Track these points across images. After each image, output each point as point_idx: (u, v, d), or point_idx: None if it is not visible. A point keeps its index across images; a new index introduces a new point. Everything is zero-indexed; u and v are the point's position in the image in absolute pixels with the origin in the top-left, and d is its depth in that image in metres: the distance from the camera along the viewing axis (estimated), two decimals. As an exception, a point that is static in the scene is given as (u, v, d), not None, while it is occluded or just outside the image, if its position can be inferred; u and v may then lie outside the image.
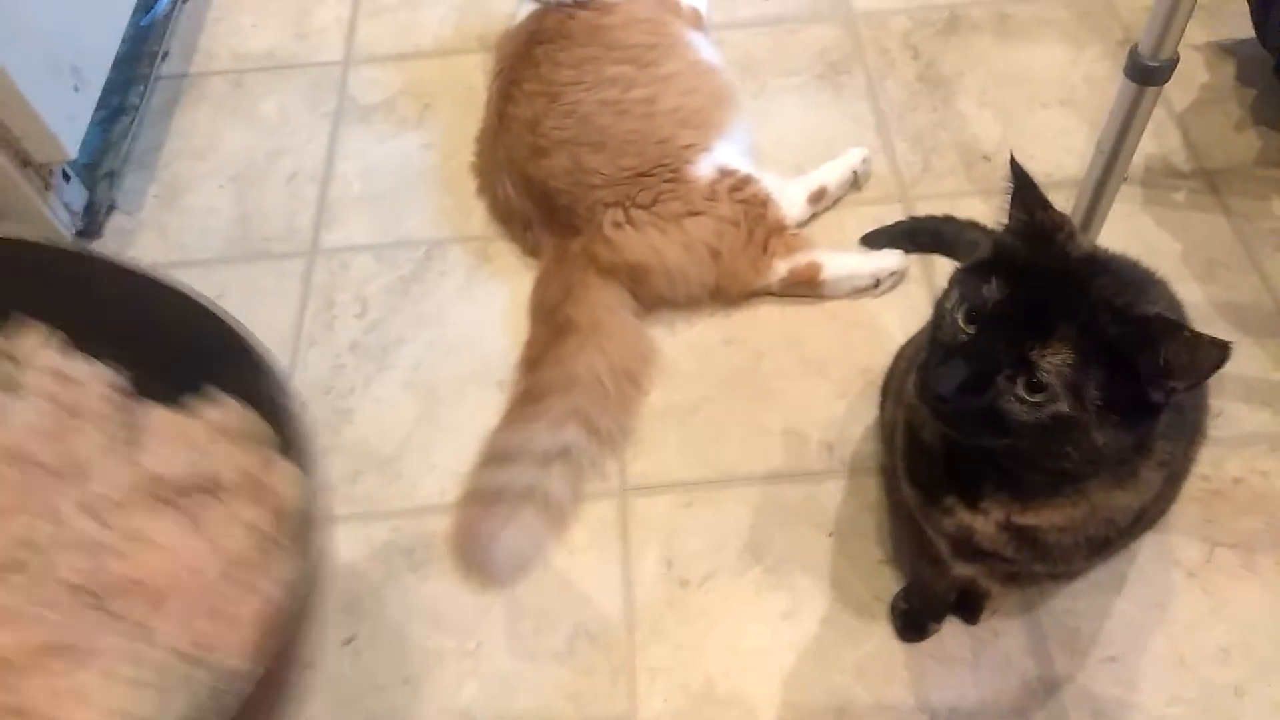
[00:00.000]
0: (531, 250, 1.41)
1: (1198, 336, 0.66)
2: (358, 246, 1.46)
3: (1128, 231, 1.36)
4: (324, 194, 1.53)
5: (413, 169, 1.55)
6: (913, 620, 1.08)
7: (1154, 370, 0.68)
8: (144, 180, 1.57)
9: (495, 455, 1.19)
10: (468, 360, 1.31)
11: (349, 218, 1.50)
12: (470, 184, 1.49)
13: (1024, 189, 0.73)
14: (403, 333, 1.37)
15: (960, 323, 0.73)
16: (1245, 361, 1.25)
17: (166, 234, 1.50)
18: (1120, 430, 0.70)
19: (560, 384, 1.22)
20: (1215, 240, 1.38)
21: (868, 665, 1.07)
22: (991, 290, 0.71)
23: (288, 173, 1.56)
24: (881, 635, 1.09)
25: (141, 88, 1.60)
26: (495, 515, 1.14)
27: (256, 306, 1.40)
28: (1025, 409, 0.69)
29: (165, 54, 1.68)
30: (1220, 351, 0.65)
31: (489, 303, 1.39)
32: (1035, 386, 0.68)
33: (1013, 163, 0.74)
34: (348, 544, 1.18)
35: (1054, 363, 0.68)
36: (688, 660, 1.08)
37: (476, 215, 1.47)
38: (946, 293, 0.76)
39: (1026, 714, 1.03)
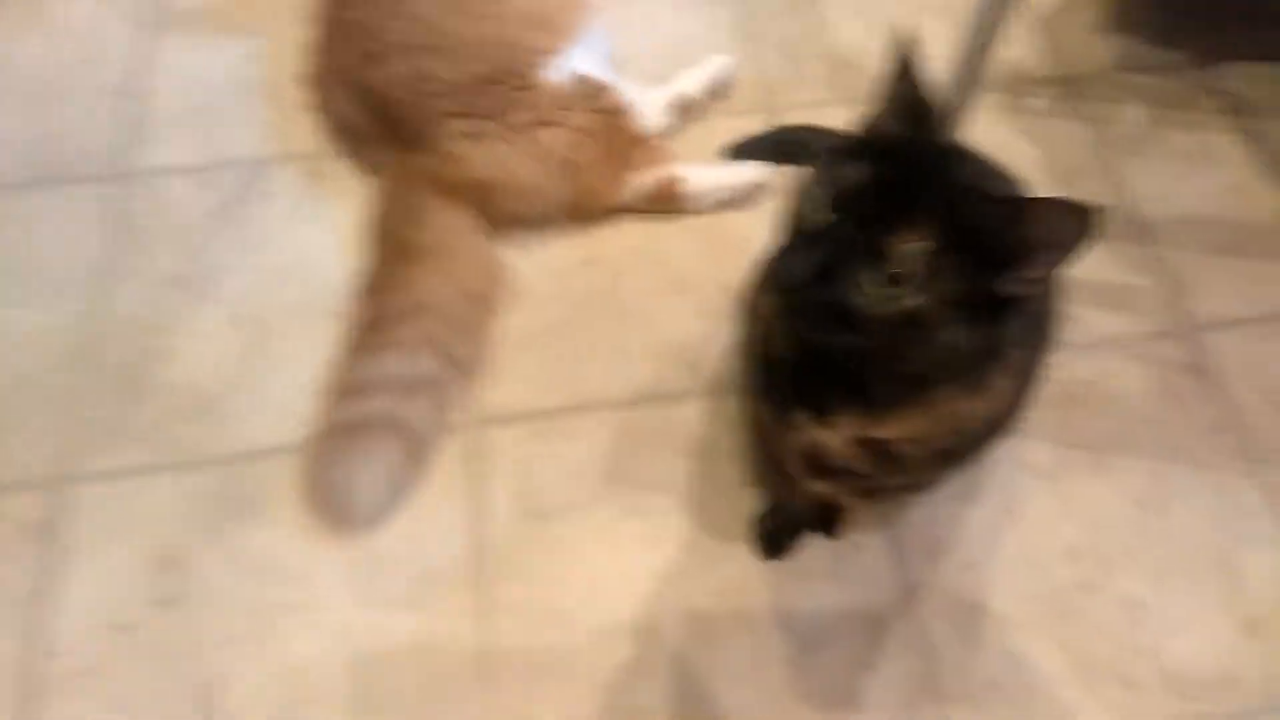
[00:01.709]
0: (370, 168, 1.30)
1: (1064, 202, 0.62)
2: (175, 168, 1.33)
3: (990, 138, 1.33)
4: (136, 111, 1.38)
5: (236, 81, 1.41)
6: (773, 539, 1.06)
7: (1015, 252, 0.64)
8: (-76, 98, 1.38)
9: (346, 388, 1.10)
10: (301, 289, 1.21)
11: (165, 137, 1.36)
12: (300, 97, 1.36)
13: (905, 64, 0.69)
14: (227, 261, 1.25)
15: (818, 208, 0.68)
16: (1097, 266, 1.26)
17: (-48, 157, 1.33)
18: (971, 329, 0.67)
19: (409, 311, 1.13)
20: (1072, 147, 1.37)
21: (730, 586, 1.04)
22: (853, 172, 0.67)
23: (93, 87, 1.40)
24: (743, 556, 1.06)
25: (-86, -9, 1.41)
26: (353, 452, 1.06)
27: (59, 237, 1.26)
28: (878, 302, 0.65)
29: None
30: (1087, 218, 0.62)
31: (324, 226, 1.28)
32: (890, 279, 0.64)
33: (896, 37, 0.69)
34: (170, 495, 1.09)
35: (913, 250, 0.64)
36: (545, 596, 1.04)
37: (307, 131, 1.35)
38: (807, 179, 0.71)
39: (887, 623, 1.02)
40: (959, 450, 0.81)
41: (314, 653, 1.00)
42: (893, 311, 0.65)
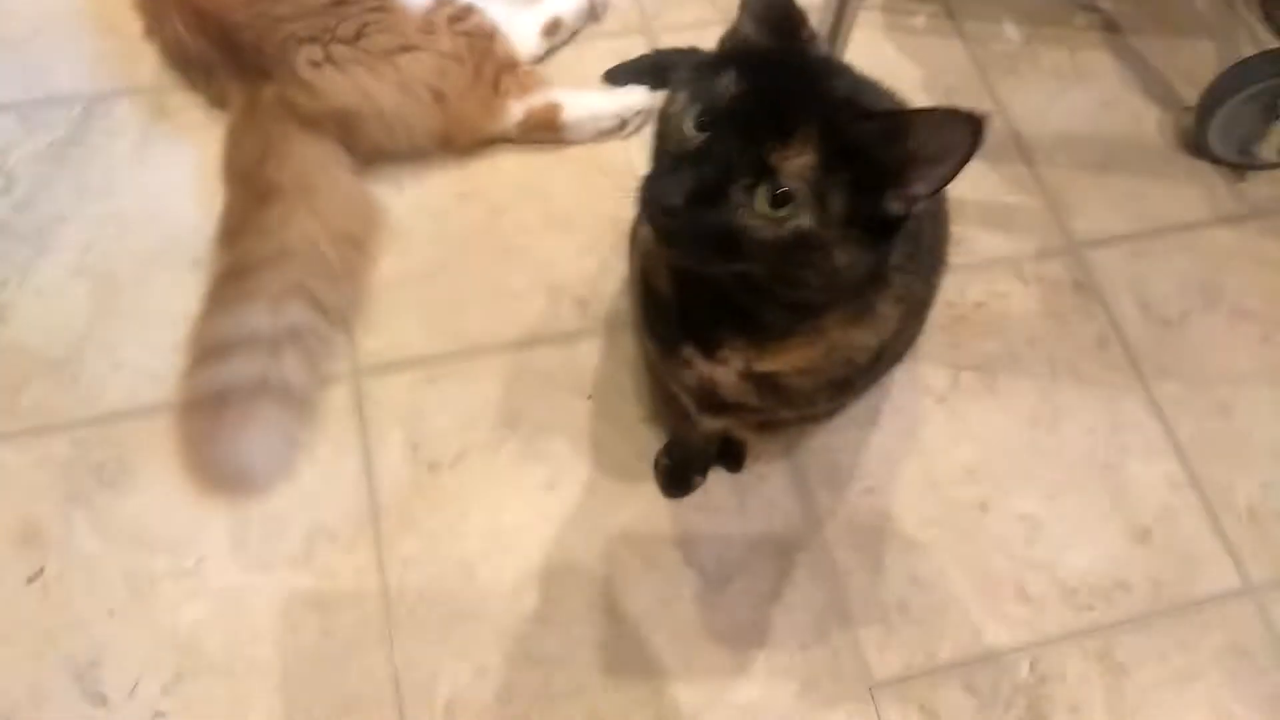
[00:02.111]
0: (217, 101, 1.19)
1: (950, 112, 0.59)
2: (-5, 105, 1.18)
3: (869, 58, 1.27)
4: (-61, 40, 1.22)
5: (59, 8, 1.27)
6: (676, 476, 1.04)
7: (900, 167, 0.61)
8: None
9: (211, 347, 1.01)
10: (151, 236, 1.10)
11: (-20, 70, 1.21)
12: (135, 24, 1.22)
13: None
14: (63, 209, 1.13)
15: (690, 127, 0.63)
16: (980, 185, 1.27)
17: None
18: (861, 250, 0.63)
19: (272, 257, 1.05)
20: (952, 65, 1.37)
21: (634, 527, 1.02)
22: (727, 84, 0.61)
23: (-112, 14, 1.23)
24: (647, 494, 1.04)
25: None
26: (230, 418, 0.98)
27: None
28: (764, 224, 0.61)
29: None
30: (975, 126, 0.58)
31: (171, 166, 1.17)
32: (778, 199, 0.60)
33: None
34: (19, 465, 0.99)
35: (797, 165, 0.60)
36: (443, 548, 0.99)
37: (146, 62, 1.23)
38: (671, 95, 0.66)
39: (792, 555, 1.02)
40: (850, 380, 0.80)
41: (203, 620, 0.94)
42: (783, 232, 0.61)
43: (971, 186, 1.25)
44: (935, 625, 0.99)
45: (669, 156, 0.64)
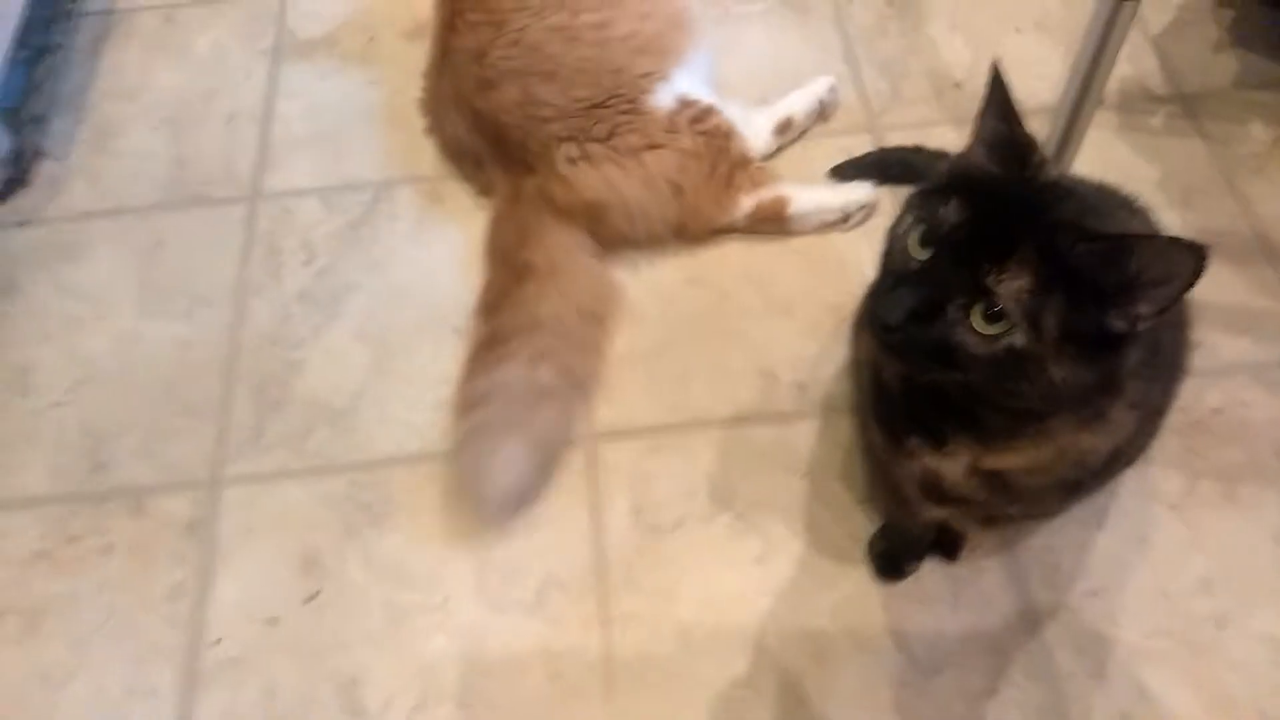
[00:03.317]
0: (484, 190, 1.34)
1: (1171, 240, 0.61)
2: (302, 190, 1.39)
3: (1103, 158, 1.31)
4: (264, 135, 1.45)
5: (358, 107, 1.47)
6: (890, 560, 1.05)
7: (1121, 289, 0.63)
8: (72, 124, 1.47)
9: (472, 401, 1.12)
10: (420, 307, 1.25)
11: (292, 160, 1.42)
12: (419, 121, 1.41)
13: (1001, 98, 0.68)
14: (352, 280, 1.30)
15: (913, 247, 0.67)
16: (1223, 289, 1.22)
17: (98, 180, 1.41)
18: (1079, 365, 0.65)
19: (525, 327, 1.16)
20: (1192, 166, 1.34)
21: (845, 608, 1.04)
22: (949, 212, 0.66)
23: (225, 113, 1.47)
24: (858, 577, 1.06)
25: (65, 24, 1.50)
26: (481, 444, 1.09)
27: (196, 254, 1.33)
28: (978, 341, 0.64)
29: (88, -12, 1.58)
30: (1196, 256, 0.60)
31: (441, 246, 1.32)
32: (991, 316, 0.64)
33: (993, 70, 0.68)
34: (304, 499, 1.13)
35: (1011, 289, 0.63)
36: (660, 607, 1.05)
37: (426, 154, 1.40)
38: (900, 217, 0.70)
39: (1008, 651, 1.00)
40: (1080, 483, 0.80)
41: (446, 653, 1.03)
42: (996, 350, 0.64)
43: (1213, 289, 1.20)
44: (1162, 742, 0.95)
45: (892, 275, 0.69)
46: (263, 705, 1.01)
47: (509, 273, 1.22)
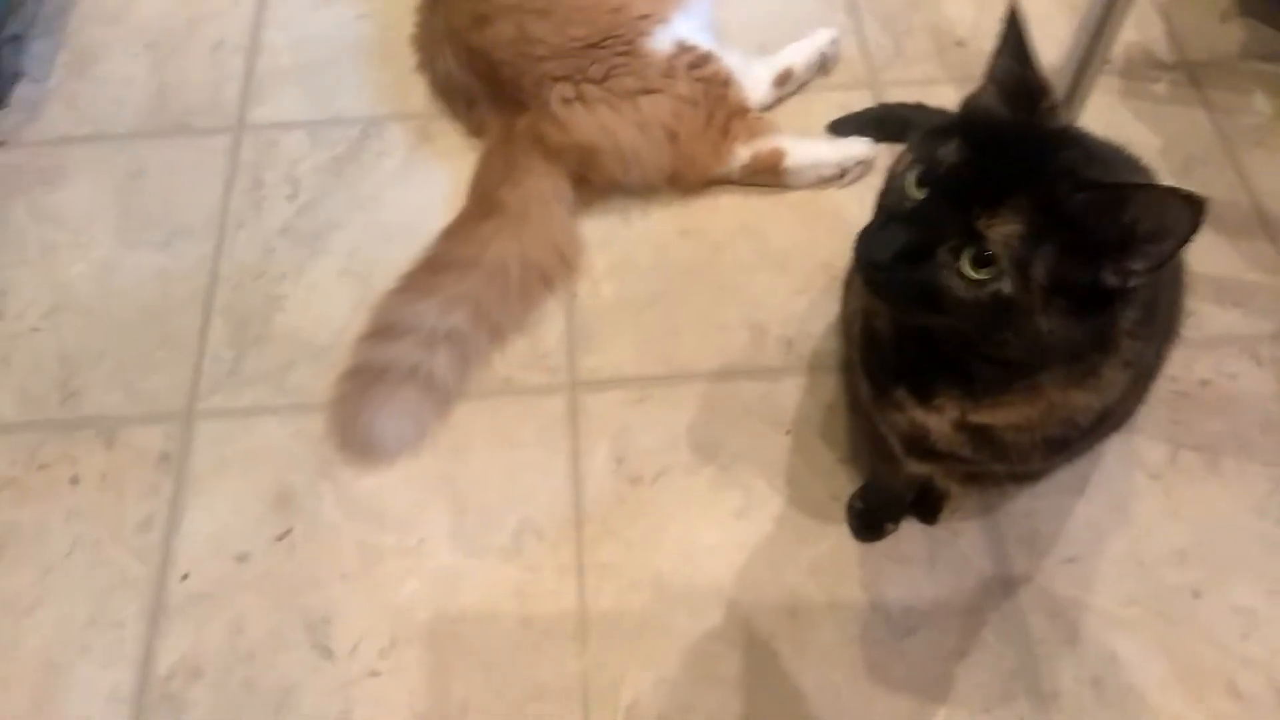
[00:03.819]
0: (476, 130, 1.31)
1: (1168, 191, 0.59)
2: (288, 123, 1.35)
3: (1106, 123, 1.29)
4: (251, 65, 1.41)
5: (348, 41, 1.43)
6: (869, 520, 1.05)
7: (1115, 242, 0.61)
8: (52, 46, 1.43)
9: (385, 326, 1.13)
10: (407, 246, 1.21)
11: (278, 92, 1.39)
12: (410, 58, 1.37)
13: (1016, 38, 0.66)
14: (338, 216, 1.27)
15: (909, 187, 0.66)
16: (1218, 260, 1.21)
17: (77, 104, 1.38)
18: (1068, 319, 0.64)
19: (463, 263, 1.15)
20: (1194, 135, 1.32)
21: (822, 565, 1.04)
22: (949, 152, 0.64)
23: (211, 41, 1.43)
24: (837, 535, 1.05)
25: (45, -58, 1.45)
26: (377, 392, 1.09)
27: (178, 184, 1.30)
28: (965, 285, 0.63)
29: (71, -96, 1.52)
30: (1194, 209, 0.58)
31: (430, 186, 1.29)
32: (980, 261, 0.62)
33: (1010, 8, 0.66)
34: (280, 436, 1.12)
35: (1001, 234, 0.61)
36: (638, 558, 1.04)
37: (417, 91, 1.37)
38: (901, 155, 0.69)
39: (982, 614, 1.01)
40: (1068, 441, 0.78)
41: (419, 595, 1.03)
42: (983, 295, 0.63)
43: (1206, 260, 1.20)
44: (1130, 708, 0.95)
45: (886, 213, 0.68)
46: (229, 641, 1.01)
47: (479, 205, 1.21)
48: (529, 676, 0.98)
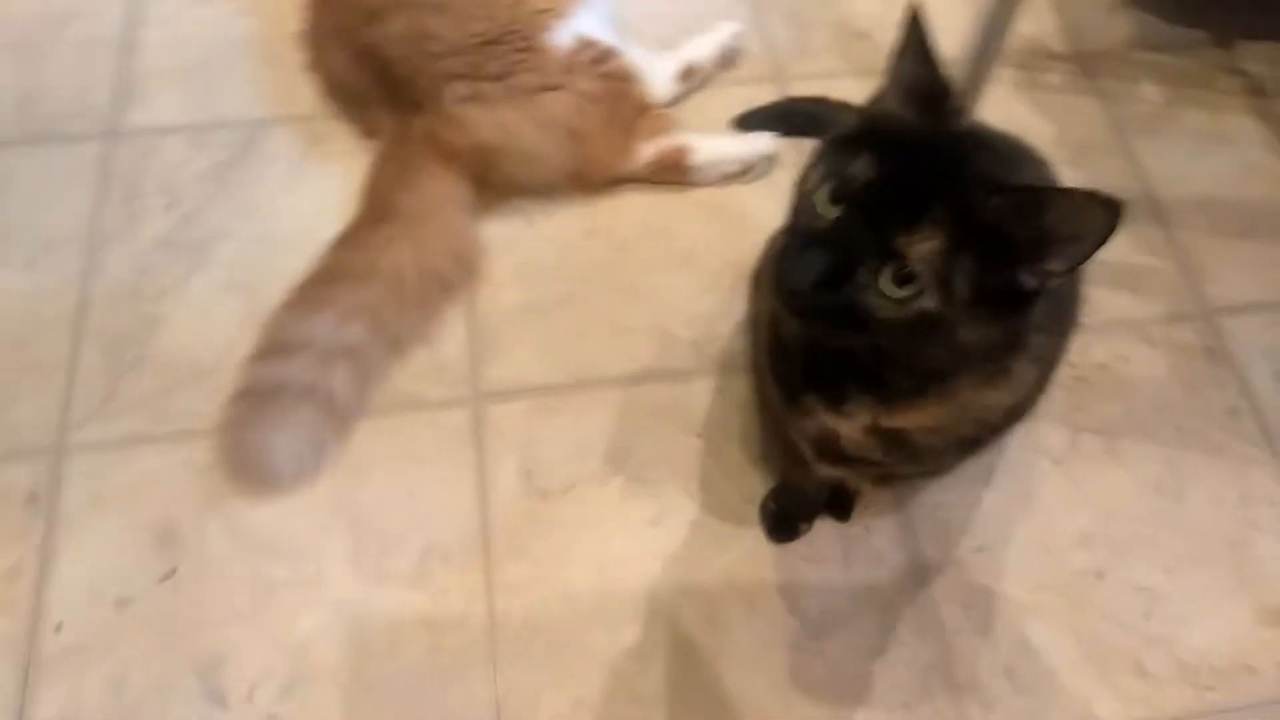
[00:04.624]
0: (369, 131, 1.26)
1: (1087, 195, 0.59)
2: (166, 128, 1.28)
3: (1002, 114, 1.31)
4: (124, 66, 1.33)
5: (229, 39, 1.36)
6: (782, 521, 1.04)
7: (1033, 245, 0.61)
8: (-101, 48, 1.33)
9: (278, 343, 1.07)
10: (298, 257, 1.16)
11: (155, 94, 1.31)
12: (297, 56, 1.30)
13: (919, 40, 0.65)
14: (222, 226, 1.21)
15: (822, 204, 0.64)
16: (1109, 245, 1.23)
17: (-70, 112, 1.28)
18: (989, 325, 0.64)
19: (358, 273, 1.10)
20: (1087, 123, 1.35)
21: (737, 570, 1.02)
22: (859, 168, 0.62)
23: (79, 40, 1.35)
24: (752, 538, 1.04)
25: (-114, -66, 1.34)
26: (269, 416, 1.04)
27: (44, 196, 1.22)
28: (887, 304, 0.62)
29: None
30: (1111, 212, 0.58)
31: (321, 191, 1.24)
32: (901, 279, 0.61)
33: (911, 10, 0.65)
34: (161, 467, 1.05)
35: (922, 250, 0.60)
36: (549, 575, 1.01)
37: (305, 92, 1.30)
38: (808, 170, 0.67)
39: (896, 610, 1.01)
40: (980, 439, 0.79)
41: (318, 629, 0.98)
42: (906, 313, 0.62)
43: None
44: (1044, 693, 0.97)
45: (801, 235, 0.65)
46: (110, 696, 0.94)
47: (374, 211, 1.16)
48: (441, 707, 0.95)
